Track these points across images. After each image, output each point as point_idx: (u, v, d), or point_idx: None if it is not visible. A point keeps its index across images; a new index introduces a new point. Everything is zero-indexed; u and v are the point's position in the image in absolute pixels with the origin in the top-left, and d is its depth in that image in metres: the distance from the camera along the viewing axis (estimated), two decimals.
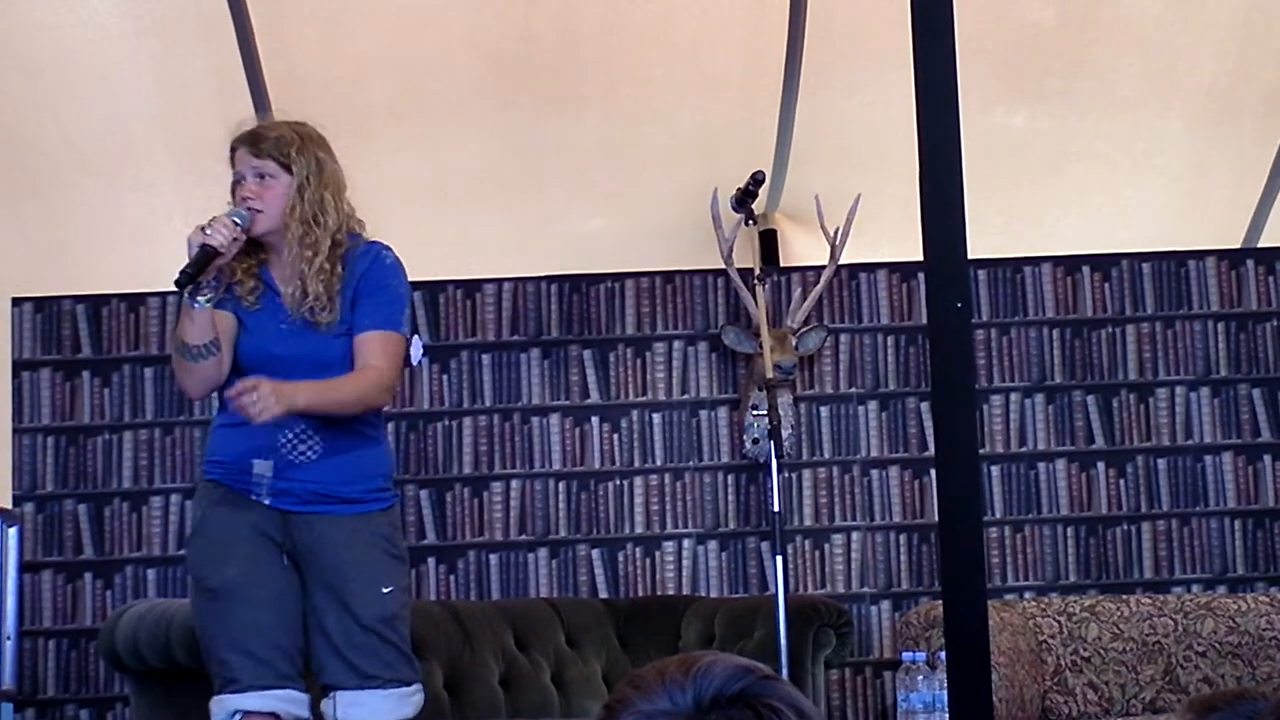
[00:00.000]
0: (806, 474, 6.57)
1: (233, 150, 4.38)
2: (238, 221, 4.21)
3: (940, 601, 4.52)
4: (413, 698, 4.37)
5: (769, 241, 6.82)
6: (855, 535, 6.56)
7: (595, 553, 6.53)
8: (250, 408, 4.07)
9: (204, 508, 4.37)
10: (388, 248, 4.46)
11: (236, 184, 4.36)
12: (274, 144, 4.33)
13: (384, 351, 4.39)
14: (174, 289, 6.17)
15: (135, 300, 6.54)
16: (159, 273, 6.28)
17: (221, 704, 4.24)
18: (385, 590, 4.35)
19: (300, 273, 4.30)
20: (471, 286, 6.62)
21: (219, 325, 4.27)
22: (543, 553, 6.53)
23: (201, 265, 4.12)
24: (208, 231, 4.14)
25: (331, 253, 4.32)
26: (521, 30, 6.34)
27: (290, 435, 4.32)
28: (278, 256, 4.37)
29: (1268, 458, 6.64)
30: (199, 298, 4.16)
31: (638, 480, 6.57)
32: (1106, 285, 6.71)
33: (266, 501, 4.33)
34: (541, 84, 6.47)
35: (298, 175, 4.32)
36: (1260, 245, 6.91)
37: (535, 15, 6.31)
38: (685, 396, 6.61)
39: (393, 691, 4.33)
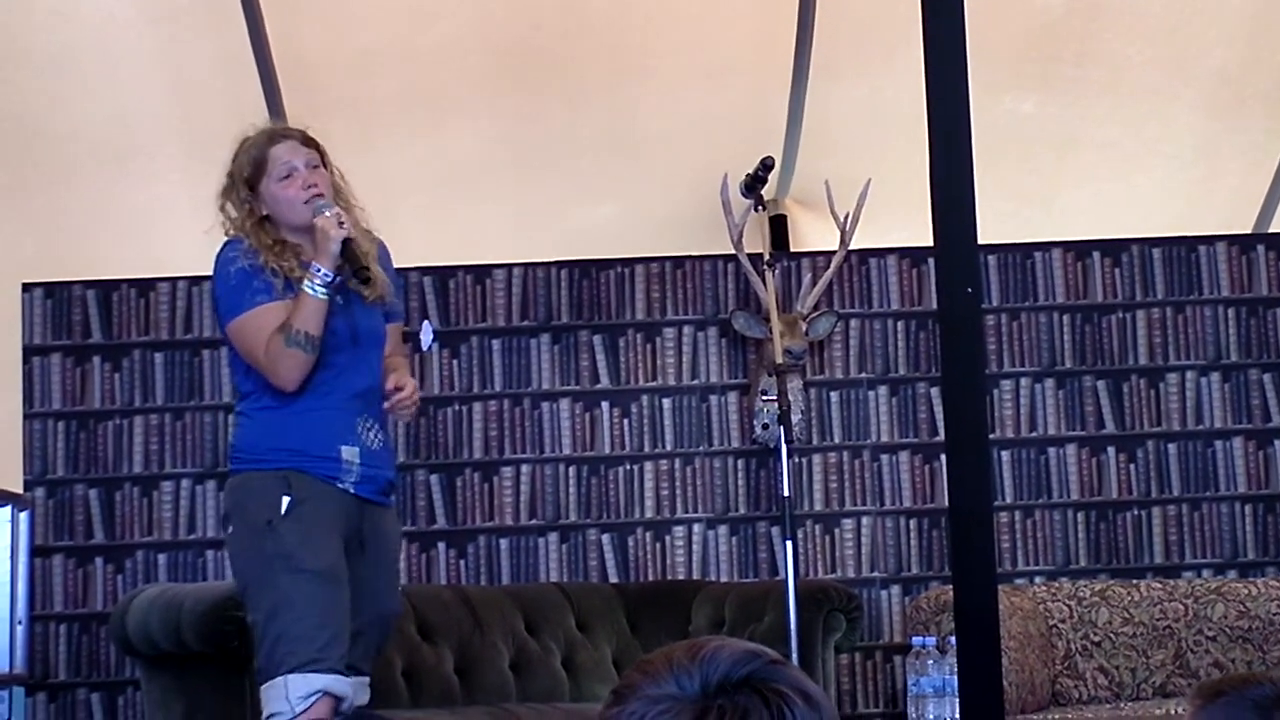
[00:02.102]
0: (817, 459, 6.57)
1: (271, 143, 4.44)
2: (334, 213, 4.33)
3: (950, 586, 4.53)
4: (367, 686, 4.50)
5: (779, 227, 6.83)
6: (865, 520, 6.56)
7: (605, 537, 6.54)
8: (408, 408, 4.45)
9: (287, 492, 4.32)
10: None
11: (283, 178, 4.40)
12: (307, 136, 4.48)
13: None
14: (184, 274, 6.22)
15: (145, 286, 6.55)
16: (169, 258, 6.33)
17: (307, 682, 4.19)
18: (398, 589, 4.60)
19: (365, 233, 4.46)
20: (481, 272, 6.62)
21: None
22: (553, 537, 6.54)
23: (350, 255, 4.28)
24: (344, 226, 4.29)
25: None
26: (530, 17, 6.34)
27: (364, 423, 4.43)
28: (311, 241, 4.40)
29: (1278, 442, 6.64)
30: (329, 290, 4.28)
31: (648, 465, 6.57)
32: (1117, 270, 6.71)
33: (352, 490, 4.38)
34: (551, 70, 6.48)
35: (330, 163, 4.48)
36: (1271, 230, 6.91)
37: (543, 2, 6.32)
38: (695, 382, 6.61)
39: (362, 680, 4.44)
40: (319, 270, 4.26)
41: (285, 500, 4.30)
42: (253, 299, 4.33)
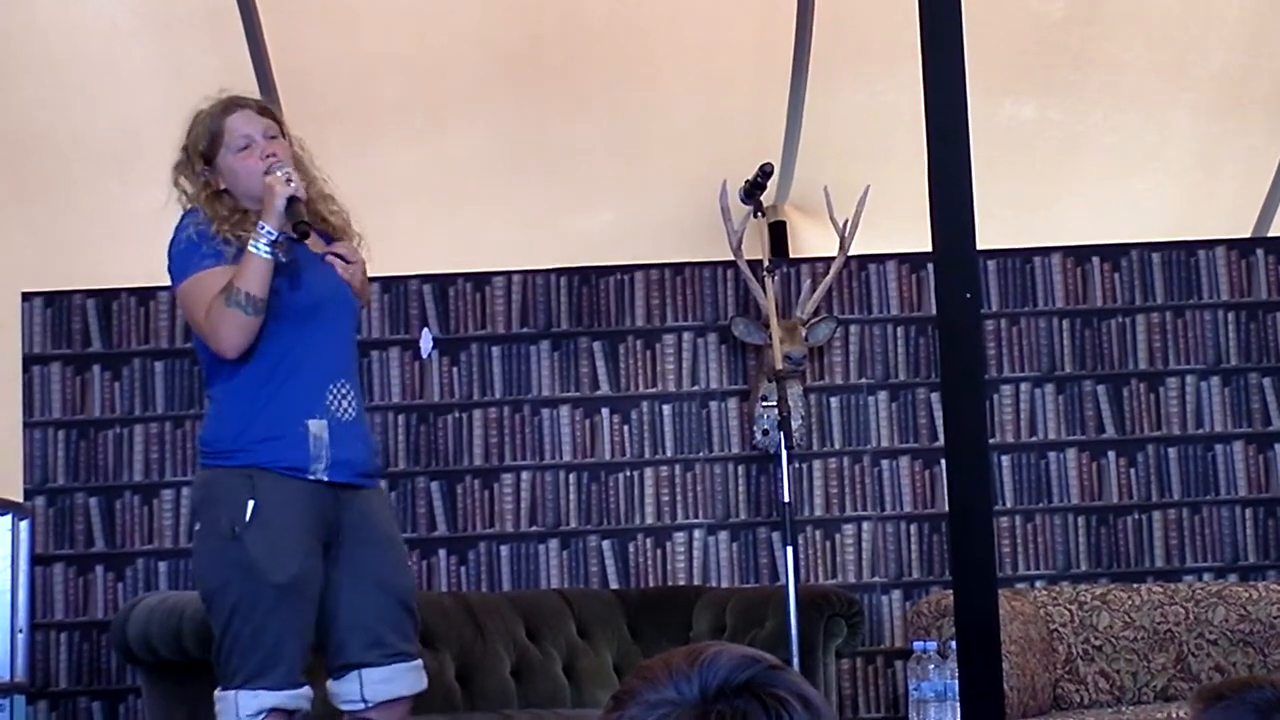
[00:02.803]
0: (817, 464, 6.57)
1: (226, 114, 4.37)
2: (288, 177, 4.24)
3: (951, 591, 4.53)
4: (423, 671, 4.41)
5: (778, 233, 6.83)
6: (866, 525, 6.56)
7: (606, 544, 6.54)
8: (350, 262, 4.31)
9: (252, 495, 4.20)
10: None
11: (241, 149, 4.33)
12: (264, 106, 4.45)
13: None
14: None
15: (145, 294, 6.55)
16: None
17: (257, 699, 4.14)
18: (409, 564, 4.50)
19: (330, 212, 4.42)
20: (481, 279, 6.63)
21: None
22: (553, 544, 6.54)
23: (298, 215, 4.19)
24: (292, 185, 4.20)
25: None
26: (530, 25, 6.35)
27: (334, 388, 4.31)
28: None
29: (1278, 446, 6.64)
30: (274, 250, 4.18)
31: (648, 471, 6.57)
32: (1116, 275, 6.71)
33: (325, 477, 4.25)
34: (550, 78, 6.48)
35: (288, 132, 4.42)
36: (1270, 235, 6.91)
37: (544, 10, 6.32)
38: (695, 388, 6.61)
39: (415, 664, 4.36)
40: (263, 228, 4.15)
41: (250, 505, 4.18)
42: (200, 262, 4.24)
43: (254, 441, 4.25)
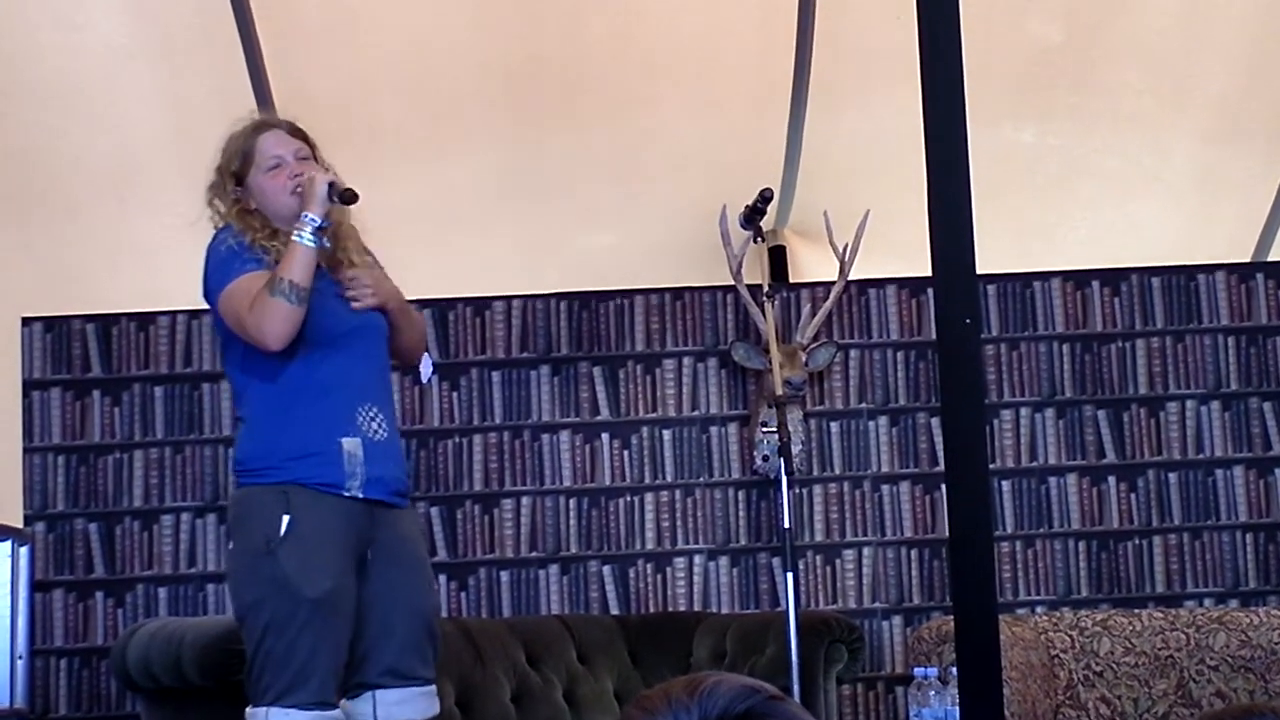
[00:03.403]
0: (817, 489, 6.57)
1: (257, 133, 4.41)
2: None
3: (952, 616, 4.52)
4: (436, 696, 4.43)
5: (778, 258, 6.83)
6: (866, 550, 6.56)
7: (606, 569, 6.53)
8: (361, 291, 4.31)
9: (287, 510, 4.20)
10: None
11: (271, 168, 4.36)
12: (295, 127, 4.45)
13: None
14: (185, 308, 6.22)
15: (145, 319, 6.55)
16: (168, 292, 6.33)
17: (289, 717, 4.14)
18: (434, 587, 4.53)
19: (360, 246, 4.43)
20: (481, 304, 6.63)
21: None
22: (554, 569, 6.53)
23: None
24: (329, 172, 4.26)
25: None
26: (530, 49, 6.35)
27: (363, 410, 4.32)
28: None
29: (1279, 471, 6.64)
30: (320, 236, 4.20)
31: (648, 496, 6.57)
32: (1116, 300, 6.71)
33: (360, 494, 4.26)
34: (550, 102, 6.48)
35: (320, 156, 4.43)
36: (1270, 259, 6.91)
37: (543, 34, 6.33)
38: (695, 413, 6.61)
39: (429, 689, 4.37)
40: (307, 217, 4.17)
41: (285, 520, 4.18)
42: (241, 268, 4.24)
43: (288, 458, 4.25)
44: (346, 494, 4.25)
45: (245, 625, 4.27)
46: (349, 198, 4.22)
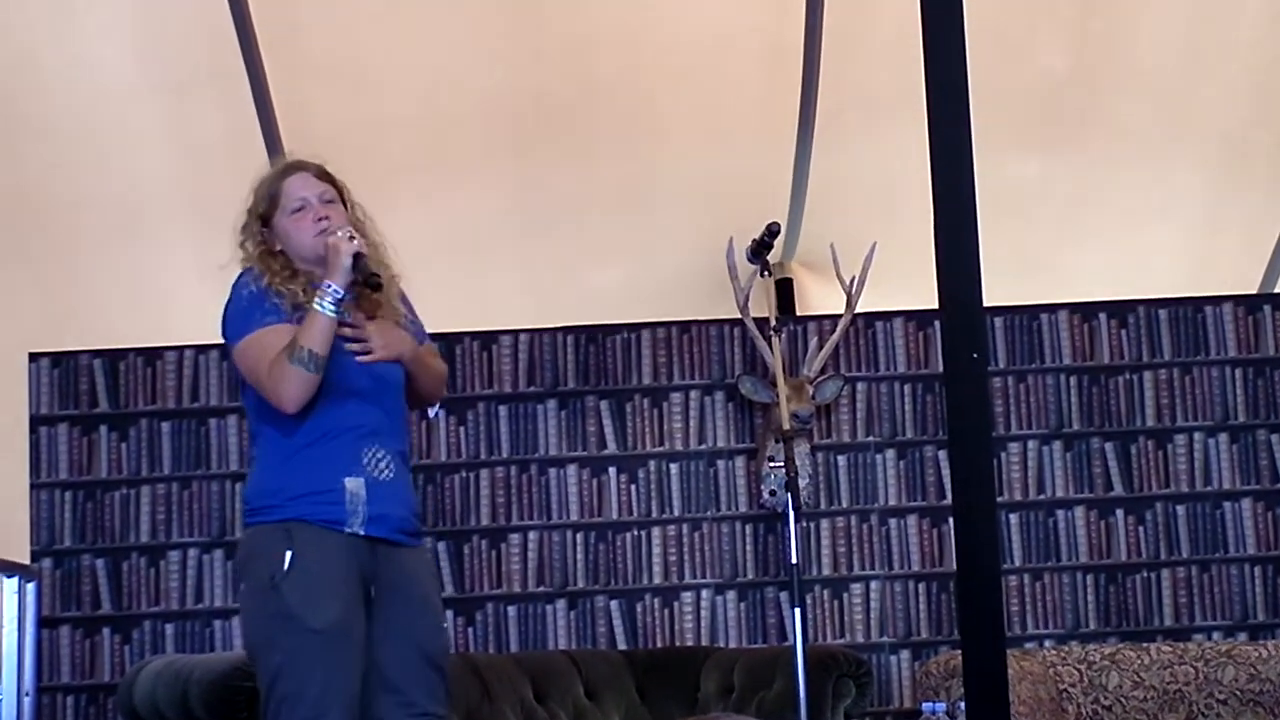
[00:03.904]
0: (824, 523, 6.56)
1: (283, 177, 4.43)
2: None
3: (960, 650, 4.51)
4: None
5: (785, 291, 6.83)
6: (874, 584, 6.54)
7: (614, 604, 6.52)
8: (365, 346, 4.31)
9: (290, 546, 4.22)
10: None
11: (295, 211, 4.37)
12: (324, 171, 4.46)
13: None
14: (191, 343, 6.22)
15: (152, 355, 6.55)
16: (175, 327, 6.33)
17: None
18: (445, 625, 4.47)
19: (397, 295, 4.47)
20: (488, 338, 6.63)
21: None
22: (561, 604, 6.52)
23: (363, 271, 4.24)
24: (355, 242, 4.26)
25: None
26: (537, 85, 6.37)
27: (369, 451, 4.33)
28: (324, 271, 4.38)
29: None
30: (340, 308, 4.22)
31: (655, 531, 6.56)
32: (1123, 332, 6.71)
33: (361, 531, 4.27)
34: (556, 137, 6.49)
35: (348, 198, 4.46)
36: (1277, 290, 6.91)
37: (549, 70, 6.34)
38: (702, 447, 6.60)
39: None
40: (329, 286, 4.20)
41: (288, 555, 4.20)
42: (261, 319, 4.27)
43: (291, 497, 4.27)
44: (347, 530, 4.26)
45: (258, 665, 4.27)
46: (374, 284, 4.27)
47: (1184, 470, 6.64)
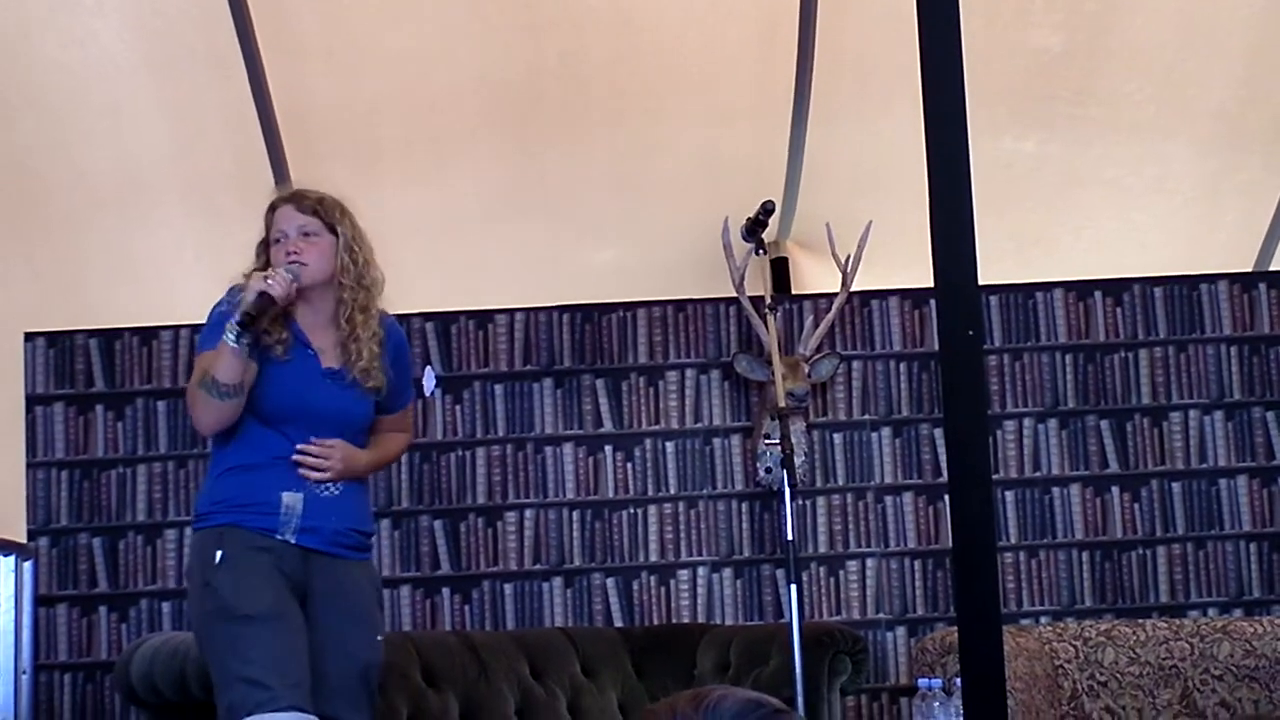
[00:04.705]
0: (820, 501, 6.56)
1: (272, 210, 4.55)
2: (292, 278, 4.39)
3: (955, 627, 4.52)
4: None
5: (780, 269, 6.83)
6: (870, 562, 6.55)
7: (610, 581, 6.53)
8: (318, 468, 4.43)
9: (220, 547, 4.38)
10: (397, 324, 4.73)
11: (275, 242, 4.51)
12: (318, 203, 4.53)
13: (411, 420, 4.87)
14: (187, 322, 6.21)
15: (148, 334, 6.55)
16: (171, 307, 6.33)
17: None
18: (379, 639, 4.56)
19: (354, 335, 4.51)
20: (484, 317, 6.63)
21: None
22: (557, 582, 6.53)
23: (261, 311, 4.31)
24: (269, 282, 4.34)
25: (379, 319, 4.57)
26: (530, 63, 6.36)
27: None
28: (311, 311, 4.53)
29: None
30: (243, 340, 4.30)
31: (651, 509, 6.56)
32: (1119, 310, 6.71)
33: (292, 539, 4.40)
34: (551, 116, 6.49)
35: (344, 235, 4.52)
36: (1272, 268, 6.91)
37: (543, 48, 6.33)
38: (698, 425, 6.61)
39: None
40: (234, 319, 4.31)
41: (218, 555, 4.36)
42: (214, 341, 4.38)
43: (229, 506, 4.43)
44: (279, 537, 4.41)
45: (208, 663, 4.40)
46: (240, 321, 4.30)
47: (1179, 448, 6.65)
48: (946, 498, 5.64)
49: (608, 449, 6.58)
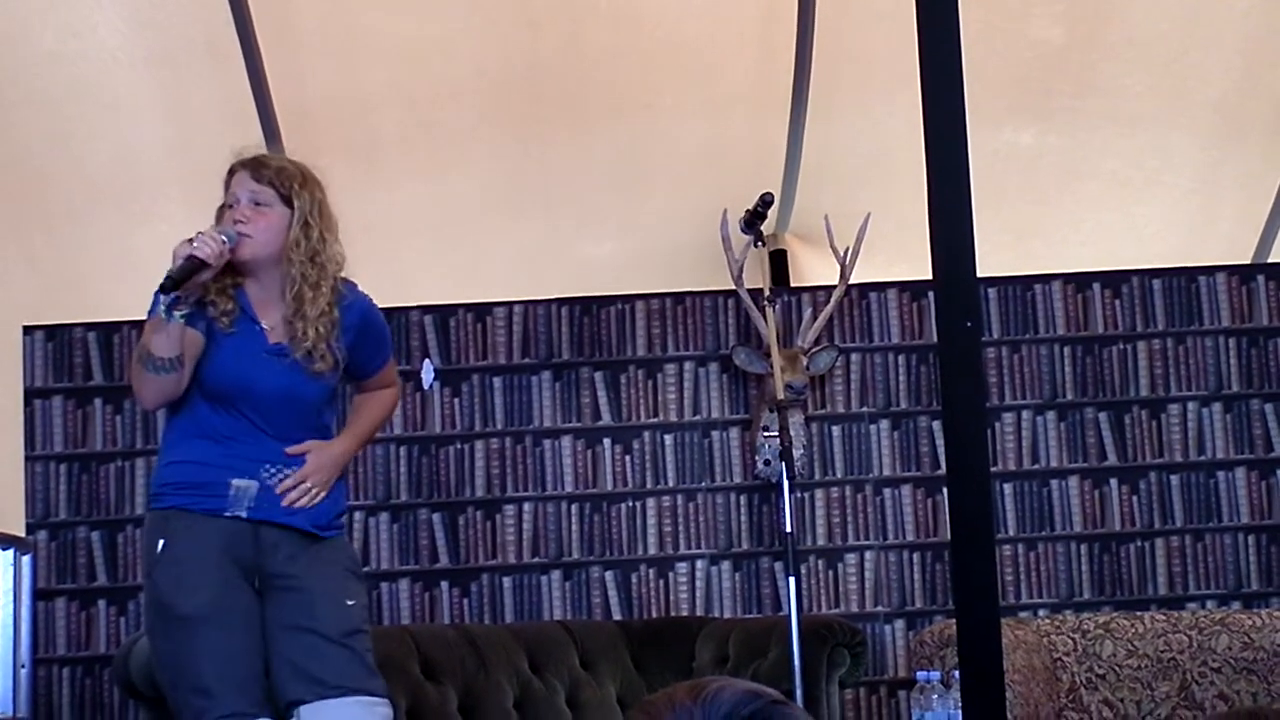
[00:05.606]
0: (819, 494, 6.56)
1: (231, 174, 4.37)
2: (225, 239, 4.19)
3: (954, 620, 4.52)
4: (378, 708, 4.29)
5: (779, 262, 6.83)
6: (868, 554, 6.55)
7: (608, 574, 6.53)
8: (304, 494, 4.30)
9: (164, 535, 4.23)
10: (363, 292, 4.48)
11: (227, 207, 4.34)
12: (276, 173, 4.34)
13: (394, 372, 4.66)
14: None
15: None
16: None
17: None
18: (349, 604, 4.34)
19: (300, 312, 4.29)
20: (482, 310, 6.63)
21: (185, 342, 4.21)
22: (556, 575, 6.53)
23: (186, 275, 4.11)
24: (194, 244, 4.14)
25: (331, 297, 4.33)
26: (529, 56, 6.35)
27: (271, 469, 4.33)
28: (259, 284, 4.34)
29: None
30: (175, 311, 4.13)
31: (650, 502, 6.57)
32: (1117, 302, 6.71)
33: (243, 514, 4.25)
34: (550, 109, 6.49)
35: (300, 209, 4.32)
36: (1270, 260, 6.91)
37: (542, 41, 6.33)
38: (697, 417, 6.61)
39: (354, 699, 4.23)
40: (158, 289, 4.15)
41: (160, 544, 4.22)
42: (155, 309, 4.23)
43: (177, 488, 4.29)
44: (228, 515, 4.25)
45: (153, 654, 4.36)
46: (164, 286, 4.13)
47: (1178, 440, 6.65)
48: (945, 490, 5.63)
49: (606, 442, 6.59)
